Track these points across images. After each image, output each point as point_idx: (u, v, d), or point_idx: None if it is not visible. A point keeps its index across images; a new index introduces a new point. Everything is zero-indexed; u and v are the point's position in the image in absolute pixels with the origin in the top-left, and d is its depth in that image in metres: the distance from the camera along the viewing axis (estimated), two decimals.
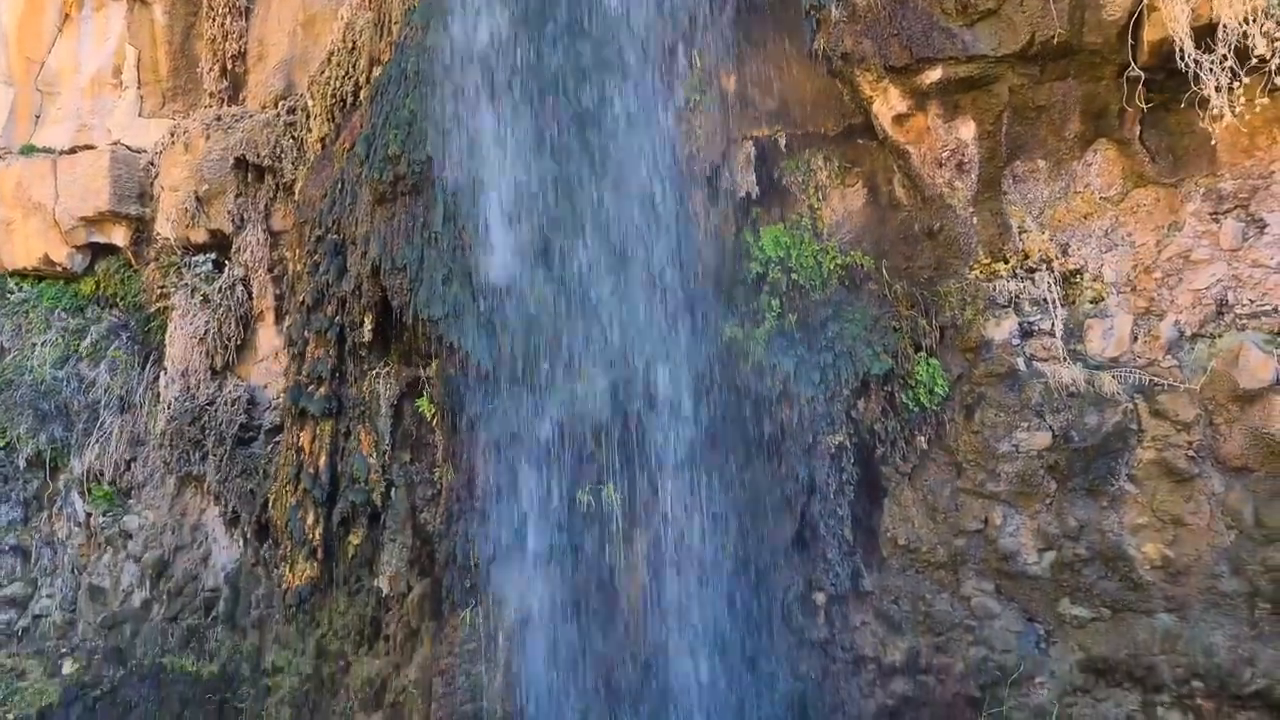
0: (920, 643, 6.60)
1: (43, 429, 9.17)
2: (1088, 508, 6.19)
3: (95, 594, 8.99)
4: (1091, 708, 6.16)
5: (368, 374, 7.56)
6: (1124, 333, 6.16)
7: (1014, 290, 6.42)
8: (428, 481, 7.60)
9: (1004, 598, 6.45)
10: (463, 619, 7.35)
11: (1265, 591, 5.74)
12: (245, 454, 8.56)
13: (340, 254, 7.34)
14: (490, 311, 6.86)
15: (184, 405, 8.67)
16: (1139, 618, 6.08)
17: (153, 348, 9.34)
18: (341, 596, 7.96)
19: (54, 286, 9.70)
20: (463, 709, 7.30)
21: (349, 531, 7.66)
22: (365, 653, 7.97)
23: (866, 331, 6.67)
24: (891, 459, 6.68)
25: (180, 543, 8.84)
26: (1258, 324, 5.82)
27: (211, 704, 8.06)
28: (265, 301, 8.65)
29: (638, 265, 7.01)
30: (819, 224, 7.12)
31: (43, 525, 9.28)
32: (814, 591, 6.80)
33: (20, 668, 8.65)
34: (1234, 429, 5.81)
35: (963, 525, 6.51)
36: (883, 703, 6.62)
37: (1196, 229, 5.99)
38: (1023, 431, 6.28)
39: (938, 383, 6.49)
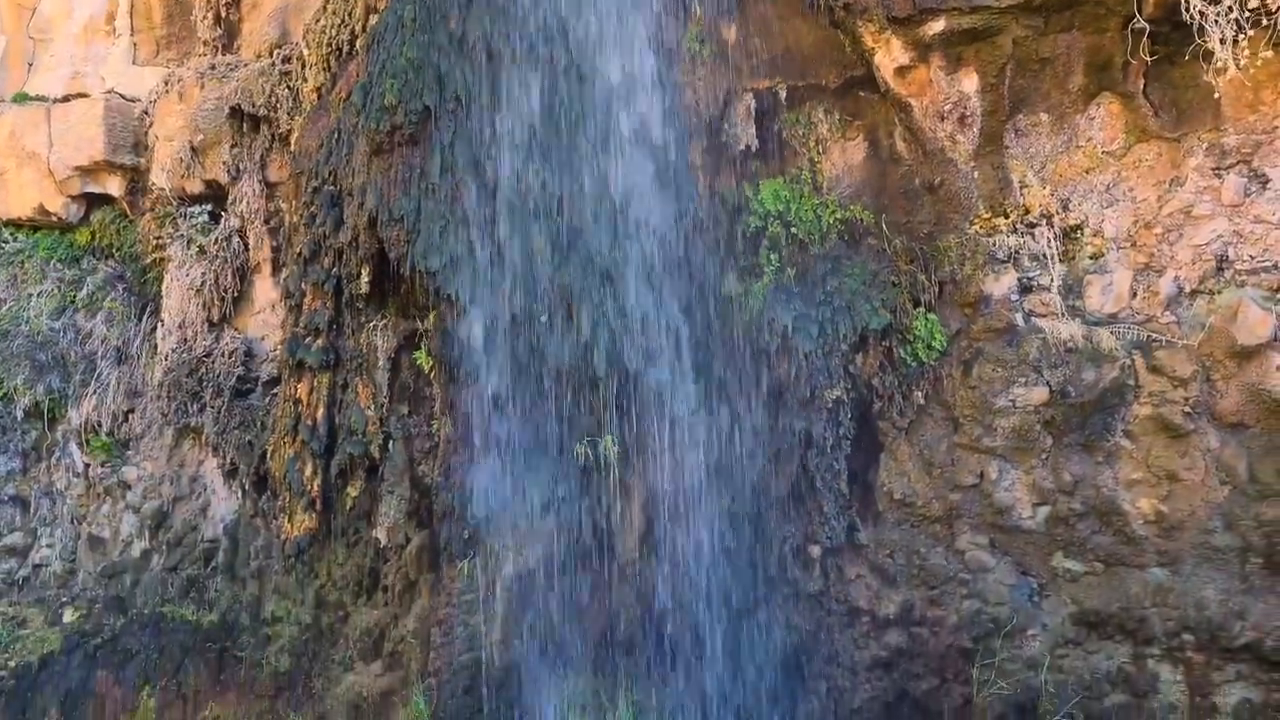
0: (914, 596, 6.66)
1: (40, 380, 9.16)
2: (1083, 463, 6.22)
3: (95, 544, 9.03)
4: (1083, 659, 6.24)
5: (365, 326, 7.55)
6: (1123, 289, 6.15)
7: (1014, 245, 6.40)
8: (425, 434, 7.62)
9: (998, 551, 6.50)
10: (460, 570, 7.40)
11: (1257, 546, 5.79)
12: (243, 406, 8.57)
13: (337, 205, 7.29)
14: (489, 262, 6.83)
15: (181, 357, 8.66)
16: (1131, 572, 6.13)
17: (149, 299, 9.30)
18: (340, 548, 8.02)
19: (49, 237, 9.64)
20: (460, 659, 7.38)
21: (347, 483, 7.69)
22: (364, 603, 8.03)
23: (865, 286, 6.65)
24: (889, 414, 6.70)
25: (179, 494, 8.88)
26: (1257, 280, 5.81)
27: (212, 652, 8.13)
28: (262, 253, 8.61)
29: (637, 218, 6.98)
30: (819, 178, 7.08)
31: (41, 475, 9.30)
32: (809, 544, 6.84)
33: (21, 616, 8.72)
34: (1231, 385, 5.82)
35: (958, 480, 6.54)
36: (876, 654, 6.69)
37: (1198, 184, 5.96)
38: (1020, 387, 6.30)
39: (936, 338, 6.49)
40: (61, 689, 8.18)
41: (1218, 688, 5.90)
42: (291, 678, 7.95)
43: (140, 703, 8.05)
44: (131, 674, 8.18)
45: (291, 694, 7.86)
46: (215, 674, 8.08)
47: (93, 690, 8.16)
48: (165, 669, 8.13)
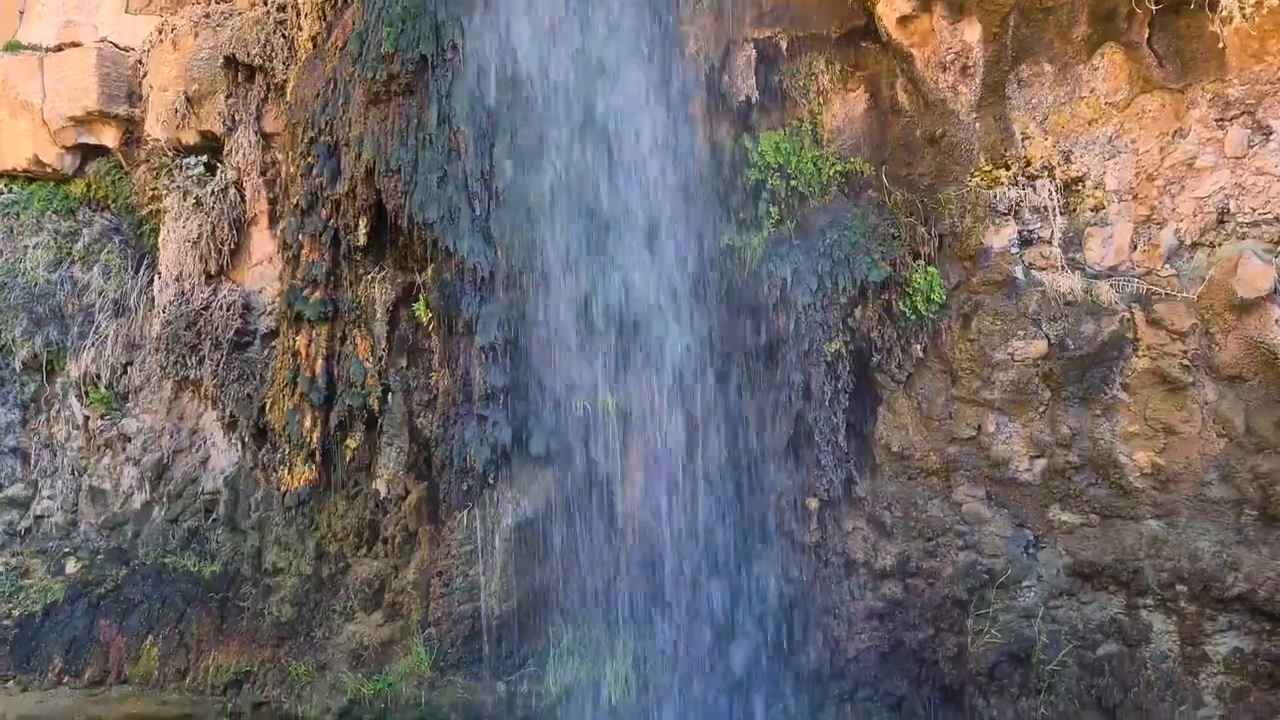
0: (910, 547, 6.71)
1: (38, 332, 9.15)
2: (1081, 416, 6.23)
3: (96, 496, 9.07)
4: (1077, 610, 6.30)
5: (363, 278, 7.52)
6: (1123, 241, 6.13)
7: (1015, 198, 6.37)
8: (424, 386, 7.63)
9: (995, 504, 6.54)
10: (460, 521, 7.45)
11: (1252, 498, 5.83)
12: (241, 359, 8.56)
13: (333, 156, 7.24)
14: (486, 215, 6.80)
15: (179, 309, 8.63)
16: (1127, 523, 6.18)
17: (146, 251, 9.26)
18: (340, 499, 8.06)
19: (45, 188, 9.57)
20: (460, 609, 7.45)
21: (346, 435, 7.71)
22: (364, 554, 8.09)
23: (865, 239, 6.62)
24: (887, 367, 6.70)
25: (179, 446, 8.90)
26: (1258, 233, 5.79)
27: (213, 602, 8.20)
28: (259, 205, 8.55)
29: (635, 170, 6.93)
30: (819, 130, 7.02)
31: (41, 428, 9.31)
32: (807, 497, 6.87)
33: (24, 566, 8.78)
34: (1229, 338, 5.82)
35: (956, 433, 6.56)
36: (872, 605, 6.75)
37: (1201, 135, 5.92)
38: (1019, 340, 6.30)
39: (935, 291, 6.48)
40: (65, 637, 8.26)
41: (1209, 637, 5.96)
42: (293, 627, 8.02)
43: (143, 651, 8.13)
44: (134, 623, 8.25)
45: (293, 643, 7.94)
46: (217, 623, 8.15)
47: (96, 639, 8.23)
48: (168, 618, 8.20)
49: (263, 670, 7.90)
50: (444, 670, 7.37)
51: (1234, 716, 5.85)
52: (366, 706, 7.29)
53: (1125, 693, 6.07)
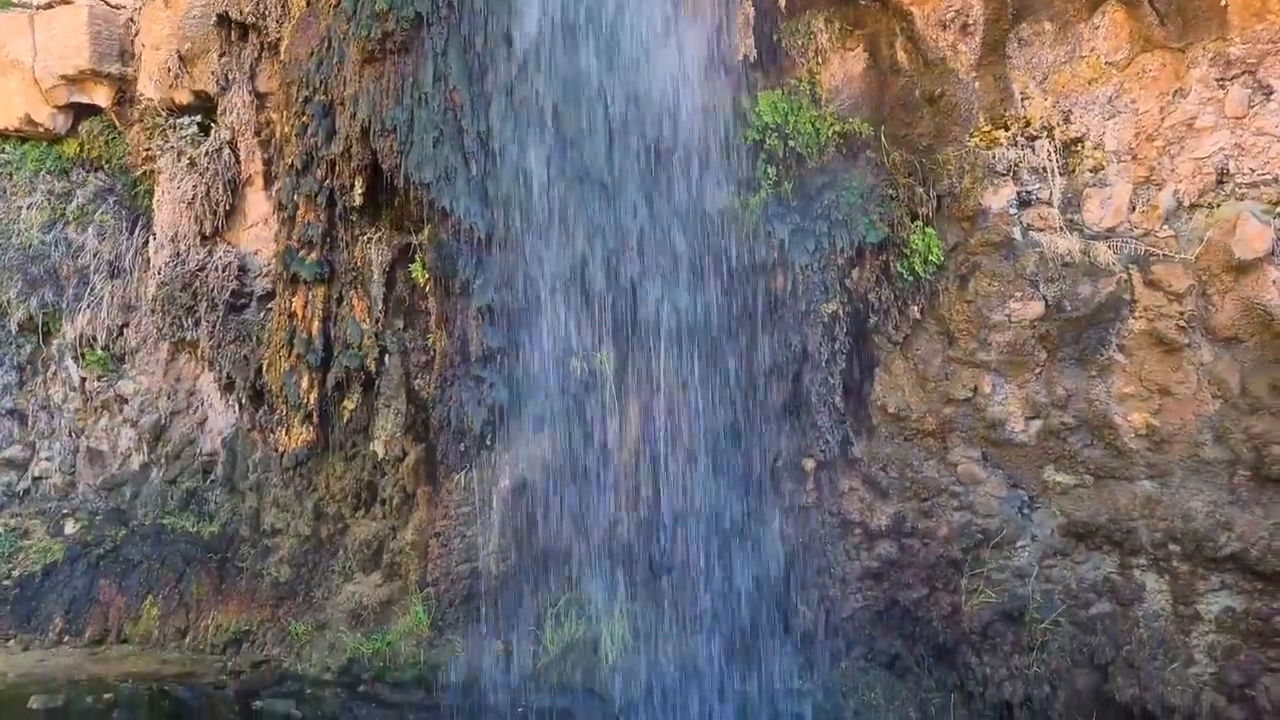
0: (906, 508, 6.74)
1: (33, 293, 9.13)
2: (1076, 377, 6.24)
3: (94, 457, 9.10)
4: (1070, 569, 6.35)
5: (359, 239, 7.50)
6: (1122, 202, 6.11)
7: (1013, 158, 6.34)
8: (421, 348, 7.63)
9: (990, 464, 6.56)
10: (458, 483, 7.48)
11: (1246, 459, 5.85)
12: (238, 320, 8.56)
13: (328, 115, 7.19)
14: (483, 175, 6.76)
15: (174, 271, 8.61)
16: (1121, 484, 6.20)
17: (140, 212, 9.22)
18: (338, 461, 8.08)
19: (37, 148, 9.51)
20: (458, 569, 7.50)
21: (343, 396, 7.72)
22: (362, 515, 8.13)
23: (863, 200, 6.59)
24: (884, 328, 6.70)
25: (176, 408, 8.92)
26: (1257, 194, 5.76)
27: (212, 562, 8.25)
28: (253, 165, 8.50)
29: (632, 130, 6.88)
30: (818, 89, 6.96)
31: (38, 389, 9.32)
32: (803, 458, 6.89)
33: (23, 527, 8.82)
34: (1226, 299, 5.82)
35: (952, 394, 6.57)
36: (867, 565, 6.79)
37: (1202, 95, 5.87)
38: (1016, 301, 6.29)
39: (933, 252, 6.46)
40: (66, 597, 8.32)
41: (1201, 596, 6.01)
42: (292, 587, 8.08)
43: (143, 611, 8.20)
44: (134, 583, 8.31)
45: (292, 603, 8.01)
46: (216, 583, 8.21)
47: (96, 598, 8.30)
48: (167, 578, 8.26)
49: (262, 629, 7.97)
50: (442, 629, 7.43)
51: (1224, 674, 5.91)
52: (366, 665, 7.36)
53: (1117, 651, 6.13)
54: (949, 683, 6.46)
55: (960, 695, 6.39)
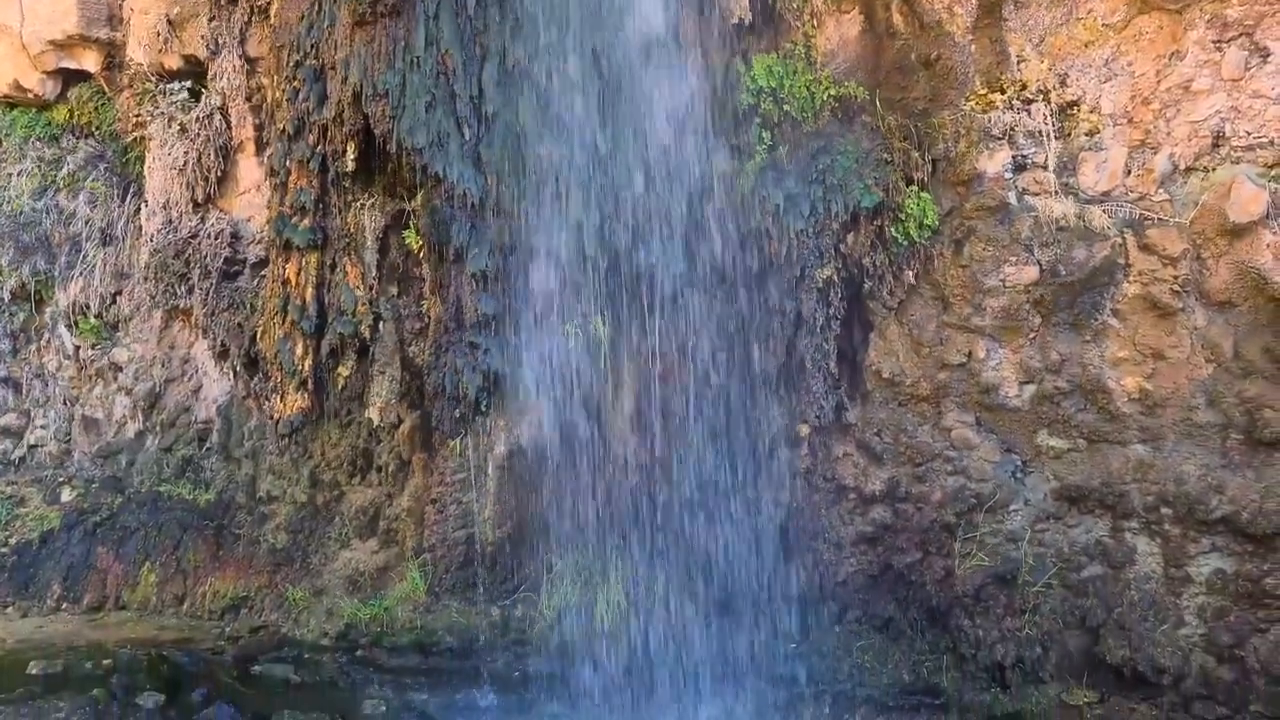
0: (900, 473, 6.77)
1: (25, 261, 9.08)
2: (1070, 342, 6.25)
3: (89, 425, 9.09)
4: (1063, 533, 6.39)
5: (352, 205, 7.47)
6: (1117, 166, 6.09)
7: (1009, 122, 6.31)
8: (415, 315, 7.62)
9: (984, 429, 6.59)
10: (453, 449, 7.49)
11: (1238, 423, 5.88)
12: (231, 288, 8.52)
13: (320, 80, 7.12)
14: (476, 140, 6.72)
15: (166, 238, 8.56)
16: (1114, 448, 6.23)
17: (132, 179, 9.15)
18: (333, 428, 8.09)
19: (26, 114, 9.42)
20: (454, 535, 7.53)
21: (338, 363, 7.72)
22: (358, 482, 8.15)
23: (858, 164, 6.56)
24: (879, 293, 6.69)
25: (170, 375, 8.90)
26: (1253, 157, 5.75)
27: (209, 530, 8.27)
28: (245, 131, 8.43)
29: (626, 95, 6.84)
30: (813, 53, 6.91)
31: (32, 357, 9.30)
32: (798, 423, 6.92)
33: (20, 495, 8.83)
34: (1220, 263, 5.82)
35: (946, 359, 6.58)
36: (861, 529, 6.83)
37: (1198, 58, 5.84)
38: (1010, 266, 6.28)
39: (928, 216, 6.44)
40: (63, 564, 8.35)
41: (1192, 559, 6.06)
42: (289, 554, 8.11)
43: (141, 577, 8.23)
44: (131, 550, 8.33)
45: (289, 569, 8.04)
46: (213, 550, 8.24)
47: (94, 565, 8.32)
48: (164, 545, 8.28)
49: (259, 596, 8.01)
50: (439, 595, 7.47)
51: (1214, 635, 5.97)
52: (363, 630, 7.40)
53: (1109, 613, 6.18)
54: (942, 645, 6.52)
55: (953, 657, 6.45)
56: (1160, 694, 6.02)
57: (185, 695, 6.23)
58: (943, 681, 6.41)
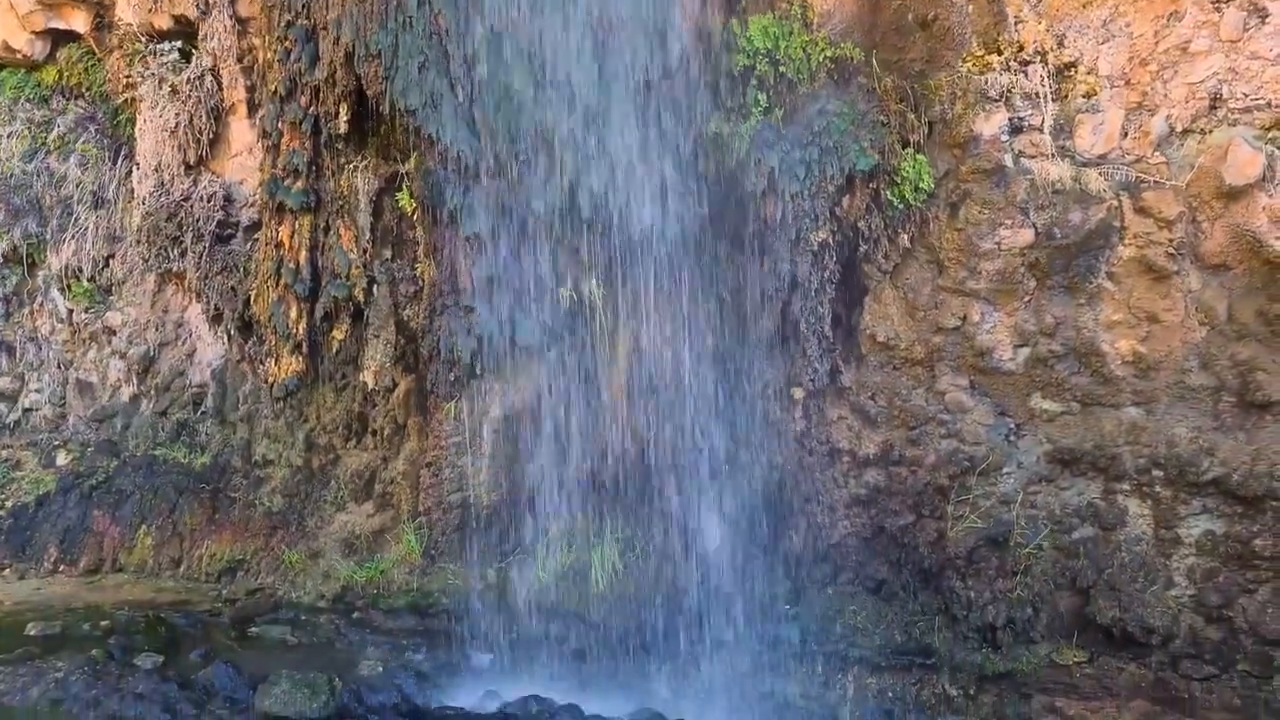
0: (894, 436, 6.79)
1: (16, 224, 9.03)
2: (1065, 305, 6.26)
3: (83, 389, 9.09)
4: (1055, 495, 6.42)
5: (345, 168, 7.42)
6: (1114, 128, 6.07)
7: (1006, 84, 6.27)
8: (410, 278, 7.60)
9: (977, 392, 6.60)
10: (448, 413, 7.50)
11: (1231, 385, 5.90)
12: (224, 251, 8.49)
13: (311, 40, 7.06)
14: (469, 101, 6.66)
15: (159, 201, 8.52)
16: (1107, 411, 6.25)
17: (123, 141, 9.09)
18: (328, 392, 8.10)
19: (15, 75, 9.33)
20: (450, 498, 7.55)
21: (332, 327, 7.71)
22: (353, 446, 8.17)
23: (854, 126, 6.52)
24: (874, 257, 6.68)
25: (164, 339, 8.89)
26: (1250, 119, 5.73)
27: (205, 493, 8.29)
28: (236, 93, 8.36)
29: (620, 56, 6.78)
30: (809, 14, 6.84)
31: (25, 321, 9.28)
32: (792, 387, 6.92)
33: (15, 458, 8.84)
34: (1216, 226, 5.82)
35: (941, 322, 6.58)
36: (855, 492, 6.86)
37: (1197, 18, 5.80)
38: (1006, 229, 6.27)
39: (924, 179, 6.42)
40: (60, 527, 8.37)
41: (1183, 521, 6.10)
42: (285, 517, 8.15)
43: (137, 540, 8.26)
44: (128, 513, 8.36)
45: (285, 532, 8.07)
46: (210, 513, 8.27)
47: (90, 528, 8.35)
48: (160, 509, 8.31)
49: (256, 558, 8.05)
50: (435, 558, 7.51)
51: (1203, 596, 6.03)
52: (359, 592, 7.45)
53: (1099, 574, 6.23)
54: (934, 606, 6.57)
55: (944, 618, 6.50)
56: (1149, 653, 6.09)
57: (183, 656, 6.28)
58: (934, 642, 6.46)
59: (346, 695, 5.50)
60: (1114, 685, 6.11)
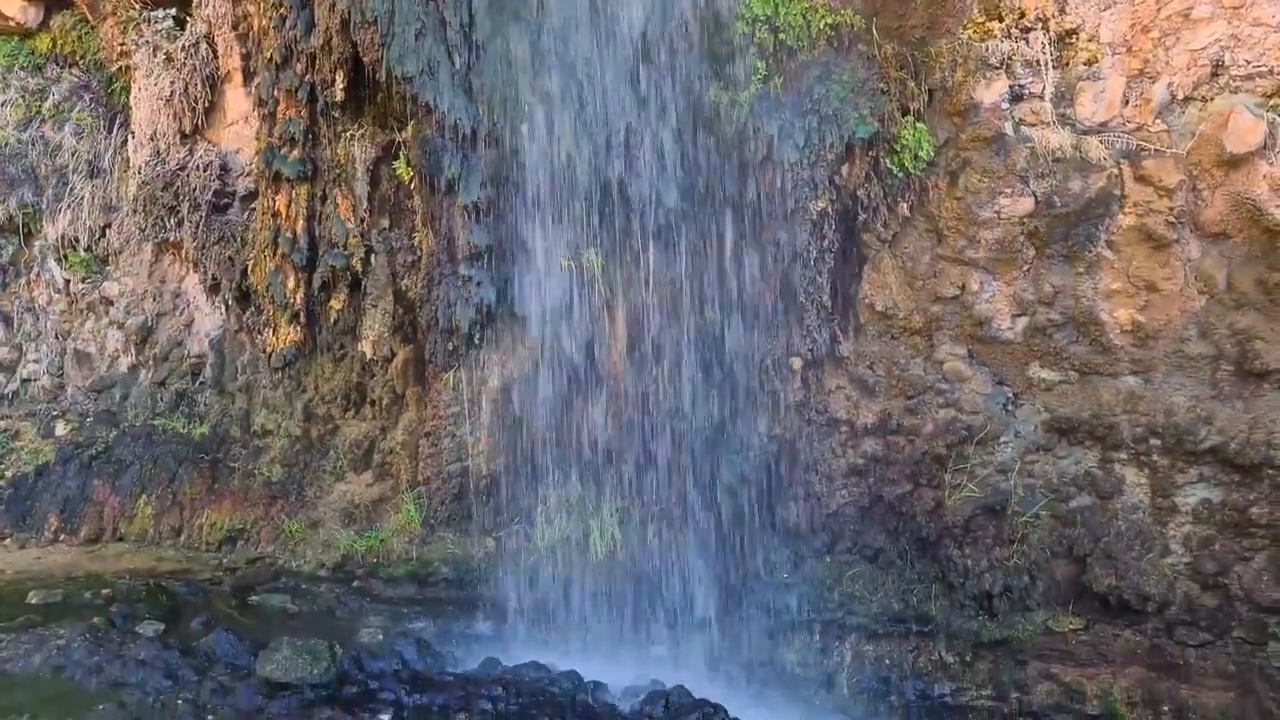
0: (892, 405, 6.80)
1: (12, 193, 8.99)
2: (1064, 274, 6.25)
3: (82, 359, 9.08)
4: (1052, 464, 6.44)
5: (342, 136, 7.38)
6: (1115, 96, 6.03)
7: (1007, 51, 6.23)
8: (407, 247, 7.57)
9: (976, 362, 6.61)
10: (446, 383, 7.50)
11: (1229, 354, 5.90)
12: (221, 221, 8.45)
13: (306, 7, 7.00)
14: (466, 69, 6.61)
15: (155, 171, 8.47)
16: (1105, 380, 6.26)
17: (118, 110, 9.02)
18: (326, 362, 8.09)
19: (9, 43, 9.25)
20: (448, 468, 7.57)
21: (330, 296, 7.69)
22: (352, 416, 8.17)
23: (854, 94, 6.49)
24: (873, 226, 6.66)
25: (162, 309, 8.87)
26: (1252, 86, 5.70)
27: (204, 463, 8.30)
28: (231, 61, 8.29)
29: (619, 23, 6.72)
30: None
31: (21, 291, 9.25)
32: (791, 356, 6.92)
33: (14, 429, 8.84)
34: (1216, 194, 5.80)
35: (940, 292, 6.57)
36: (853, 462, 6.87)
37: None
38: (1006, 198, 6.25)
39: (923, 147, 6.39)
40: (60, 497, 8.39)
41: (1179, 489, 6.13)
42: (284, 487, 8.16)
43: (138, 510, 8.28)
44: (127, 483, 8.37)
45: (285, 502, 8.09)
46: (209, 483, 8.28)
47: (90, 498, 8.37)
48: (160, 478, 8.32)
49: (255, 528, 8.07)
50: (434, 527, 7.53)
51: (1199, 563, 6.06)
52: (359, 561, 7.47)
53: (1096, 542, 6.26)
54: (930, 575, 6.60)
55: (941, 586, 6.54)
56: (1144, 621, 6.13)
57: (185, 624, 6.30)
58: (931, 610, 6.50)
59: (347, 662, 5.52)
60: (1109, 652, 6.15)
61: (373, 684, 5.41)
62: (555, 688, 5.70)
